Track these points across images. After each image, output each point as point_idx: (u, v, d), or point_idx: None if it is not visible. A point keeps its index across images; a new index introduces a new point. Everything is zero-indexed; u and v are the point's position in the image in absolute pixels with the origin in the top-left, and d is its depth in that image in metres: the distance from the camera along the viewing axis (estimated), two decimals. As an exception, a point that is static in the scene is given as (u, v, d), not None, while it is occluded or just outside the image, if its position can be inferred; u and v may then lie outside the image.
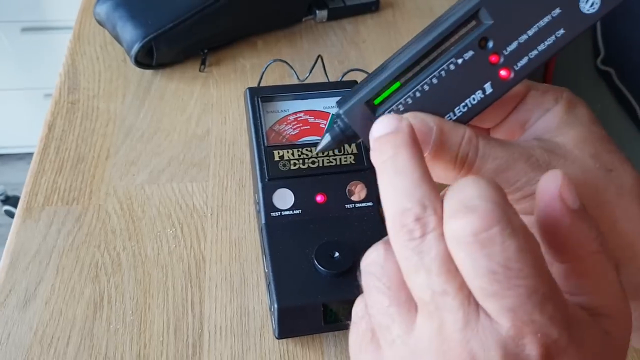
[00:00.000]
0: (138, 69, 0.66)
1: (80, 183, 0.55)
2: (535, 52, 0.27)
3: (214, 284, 0.48)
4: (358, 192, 0.48)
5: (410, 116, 0.27)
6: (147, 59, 0.65)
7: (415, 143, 0.24)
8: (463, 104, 0.27)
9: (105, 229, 0.52)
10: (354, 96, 0.28)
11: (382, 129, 0.25)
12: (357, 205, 0.48)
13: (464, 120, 0.28)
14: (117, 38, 0.66)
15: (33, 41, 1.55)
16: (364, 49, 0.72)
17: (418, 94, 0.27)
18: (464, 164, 0.27)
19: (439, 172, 0.27)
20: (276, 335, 0.43)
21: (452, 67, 0.27)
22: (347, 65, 0.68)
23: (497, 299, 0.21)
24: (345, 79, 0.62)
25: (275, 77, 0.66)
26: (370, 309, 0.24)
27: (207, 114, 0.63)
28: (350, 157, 0.48)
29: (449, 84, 0.27)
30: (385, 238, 0.25)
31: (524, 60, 0.27)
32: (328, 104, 0.51)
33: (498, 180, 0.26)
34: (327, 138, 0.30)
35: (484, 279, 0.21)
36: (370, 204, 0.48)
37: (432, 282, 0.22)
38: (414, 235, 0.22)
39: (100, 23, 0.68)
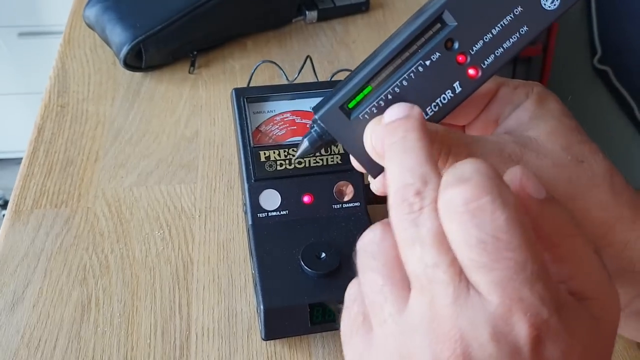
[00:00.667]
0: (127, 72, 0.66)
1: (69, 186, 0.55)
2: (501, 50, 0.27)
3: (201, 285, 0.48)
4: (345, 192, 0.48)
5: (381, 118, 0.27)
6: (136, 61, 0.65)
7: (424, 128, 0.25)
8: (434, 103, 0.28)
9: (93, 232, 0.52)
10: (328, 102, 0.29)
11: (394, 115, 0.26)
12: (345, 205, 0.48)
13: (436, 119, 0.28)
14: (106, 41, 0.66)
15: (30, 46, 1.55)
16: (354, 49, 0.71)
17: (390, 96, 0.28)
18: (437, 161, 0.27)
19: None
20: (263, 337, 0.43)
21: (420, 69, 0.28)
22: (336, 66, 0.68)
23: (486, 271, 0.21)
24: (334, 79, 0.61)
25: (264, 77, 0.66)
26: (364, 286, 0.24)
27: (196, 116, 0.63)
28: (337, 157, 0.48)
29: (419, 85, 0.28)
30: (383, 220, 0.25)
31: (491, 58, 0.28)
32: (315, 104, 0.51)
33: None
34: (305, 144, 0.30)
35: (474, 250, 0.21)
36: (357, 204, 0.48)
37: (425, 254, 0.22)
38: (413, 209, 0.22)
39: (89, 26, 0.68)
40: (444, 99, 0.28)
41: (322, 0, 0.75)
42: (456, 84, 0.28)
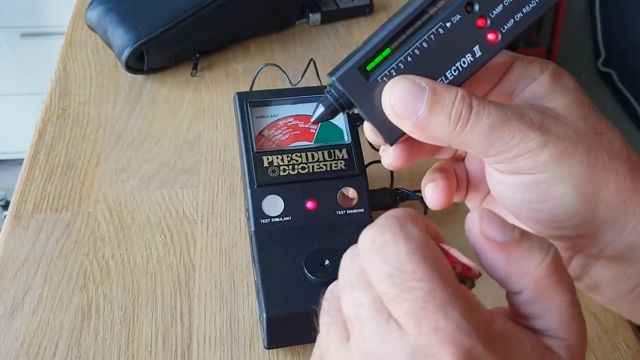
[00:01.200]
0: (129, 74, 0.66)
1: (70, 190, 0.55)
2: (520, 15, 0.27)
3: (203, 292, 0.48)
4: (349, 198, 0.47)
5: (402, 78, 0.27)
6: (138, 63, 0.65)
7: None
8: (454, 67, 0.28)
9: (94, 237, 0.51)
10: (346, 63, 0.28)
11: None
12: (349, 211, 0.47)
13: (455, 84, 0.28)
14: (108, 43, 0.66)
15: (32, 46, 1.55)
16: (358, 52, 0.71)
17: (409, 59, 0.27)
18: (459, 121, 0.27)
19: (435, 131, 0.27)
20: (265, 345, 0.43)
21: (440, 31, 0.27)
22: (340, 69, 0.67)
23: (398, 303, 0.21)
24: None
25: (267, 81, 0.66)
26: (319, 329, 0.26)
27: (198, 119, 0.62)
28: (341, 163, 0.48)
29: (439, 48, 0.27)
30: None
31: (510, 23, 0.28)
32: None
33: (492, 137, 0.27)
34: (320, 108, 0.29)
35: (384, 283, 0.22)
36: (361, 210, 0.47)
37: (353, 295, 0.23)
38: (351, 257, 0.24)
39: (91, 28, 0.68)
40: (464, 63, 0.28)
41: (326, 3, 0.75)
42: (476, 48, 0.28)
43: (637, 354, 0.45)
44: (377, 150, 0.57)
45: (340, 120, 0.50)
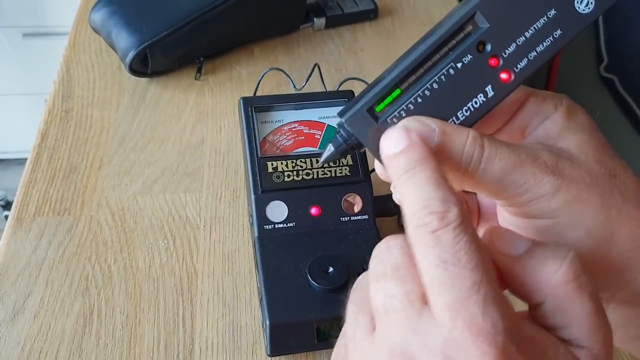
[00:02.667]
0: (133, 77, 0.65)
1: (72, 193, 0.55)
2: (534, 54, 0.27)
3: (205, 298, 0.47)
4: (354, 204, 0.47)
5: (411, 119, 0.27)
6: (142, 66, 0.64)
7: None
8: (465, 107, 0.27)
9: (96, 241, 0.51)
10: (355, 105, 0.28)
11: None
12: (353, 218, 0.47)
13: (466, 124, 0.27)
14: (112, 45, 0.66)
15: (34, 46, 1.55)
16: (362, 57, 0.71)
17: (420, 100, 0.27)
18: (470, 165, 0.26)
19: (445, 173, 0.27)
20: (268, 353, 0.42)
21: (452, 71, 0.27)
22: (344, 74, 0.67)
23: (444, 289, 0.21)
24: (342, 87, 0.61)
25: (271, 85, 0.65)
26: (346, 318, 0.26)
27: (202, 123, 0.62)
28: (346, 169, 0.47)
29: (450, 89, 0.27)
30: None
31: (524, 62, 0.27)
32: (323, 114, 0.50)
33: (505, 182, 0.26)
34: (330, 149, 0.29)
35: (437, 270, 0.22)
36: (366, 217, 0.47)
37: (385, 286, 0.23)
38: (388, 245, 0.24)
39: (95, 30, 0.67)
40: (476, 103, 0.27)
41: (330, 7, 0.74)
42: (488, 88, 0.27)
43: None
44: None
45: (345, 126, 0.50)
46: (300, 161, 0.47)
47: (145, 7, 0.65)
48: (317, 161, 0.47)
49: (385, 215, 0.51)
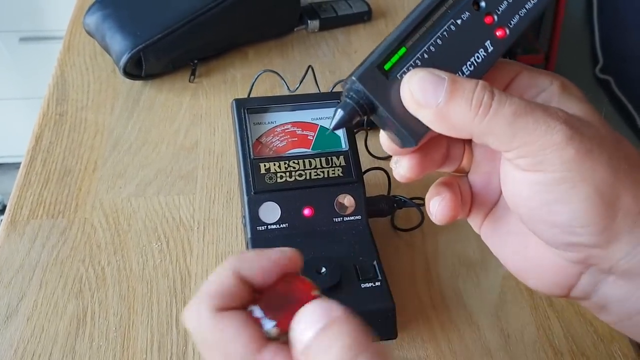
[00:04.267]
0: (127, 80, 0.65)
1: (66, 196, 0.55)
2: (524, 10, 0.29)
3: (199, 299, 0.47)
4: (346, 205, 0.47)
5: (420, 70, 0.28)
6: (136, 69, 0.65)
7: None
8: (469, 62, 0.29)
9: (90, 243, 0.51)
10: (363, 64, 0.28)
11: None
12: (346, 219, 0.47)
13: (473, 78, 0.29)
14: (106, 49, 0.66)
15: (31, 51, 1.55)
16: (355, 59, 0.71)
17: (426, 56, 0.28)
18: (480, 107, 0.27)
19: (456, 119, 0.27)
20: (261, 353, 0.42)
21: (452, 28, 0.28)
22: (338, 76, 0.67)
23: None
24: (336, 89, 0.61)
25: (265, 87, 0.66)
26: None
27: (196, 125, 0.62)
28: (338, 170, 0.48)
29: (452, 45, 0.28)
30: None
31: (516, 19, 0.29)
32: (316, 116, 0.51)
33: (516, 125, 0.26)
34: (339, 113, 0.29)
35: None
36: (358, 217, 0.47)
37: None
38: None
39: (89, 34, 0.68)
40: (478, 58, 0.29)
41: (324, 10, 0.75)
42: (487, 43, 0.29)
43: (634, 363, 0.45)
44: (377, 158, 0.57)
45: (337, 128, 0.50)
46: (293, 162, 0.47)
47: (139, 11, 0.65)
48: (310, 163, 0.48)
49: (378, 215, 0.51)
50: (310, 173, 0.47)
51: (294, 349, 0.24)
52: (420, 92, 0.27)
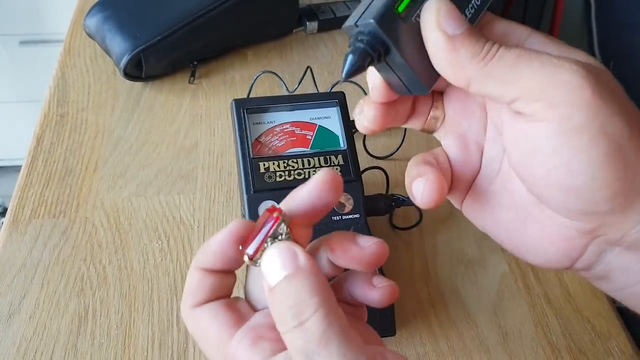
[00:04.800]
0: (127, 81, 0.66)
1: (68, 196, 0.55)
2: None
3: (199, 297, 0.48)
4: (345, 204, 0.48)
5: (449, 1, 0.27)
6: (136, 71, 0.65)
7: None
8: (470, 5, 0.28)
9: (91, 242, 0.51)
10: (372, 6, 0.27)
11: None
12: (344, 217, 0.47)
13: (472, 20, 0.28)
14: (106, 50, 0.66)
15: (31, 54, 1.56)
16: (354, 59, 0.71)
17: None
18: (490, 49, 0.26)
19: (465, 55, 0.26)
20: (261, 350, 0.43)
21: None
22: (337, 76, 0.68)
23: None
24: (334, 89, 0.61)
25: (264, 88, 0.66)
26: None
27: (195, 126, 0.63)
28: (337, 169, 0.48)
29: None
30: None
31: None
32: (315, 115, 0.51)
33: (519, 66, 0.25)
34: (350, 60, 0.27)
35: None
36: (357, 215, 0.47)
37: None
38: None
39: (90, 35, 0.68)
40: (477, 2, 0.28)
41: (323, 11, 0.75)
42: None
43: (630, 359, 0.45)
44: (376, 157, 0.57)
45: (336, 126, 0.50)
46: (292, 161, 0.48)
47: (139, 12, 0.66)
48: (309, 162, 0.48)
49: (377, 214, 0.51)
50: (309, 172, 0.48)
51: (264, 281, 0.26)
52: (444, 17, 0.26)
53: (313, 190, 0.28)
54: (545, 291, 0.49)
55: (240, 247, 0.27)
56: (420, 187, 0.29)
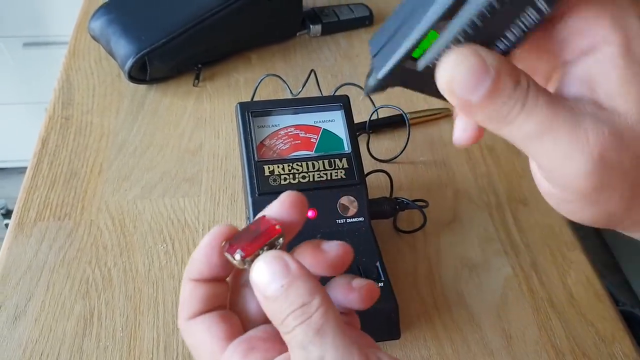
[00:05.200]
0: (132, 84, 0.66)
1: (73, 198, 0.55)
2: None
3: (204, 300, 0.48)
4: (349, 207, 0.48)
5: (470, 54, 0.23)
6: (140, 74, 0.65)
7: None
8: (506, 34, 0.24)
9: (96, 245, 0.52)
10: (390, 55, 0.25)
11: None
12: (349, 220, 0.48)
13: (505, 53, 0.24)
14: (111, 53, 0.67)
15: (34, 56, 1.56)
16: (357, 63, 0.72)
17: (462, 39, 0.23)
18: (507, 114, 0.23)
19: (479, 119, 0.24)
20: (265, 353, 0.43)
21: (496, 5, 0.22)
22: (340, 80, 0.68)
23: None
24: (338, 93, 0.62)
25: (268, 91, 0.66)
26: None
27: (200, 129, 0.63)
28: (341, 172, 0.48)
29: (492, 22, 0.23)
30: None
31: None
32: (319, 119, 0.51)
33: (533, 146, 0.23)
34: (369, 87, 0.26)
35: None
36: (361, 219, 0.48)
37: None
38: None
39: (94, 38, 0.68)
40: (520, 26, 0.23)
41: (326, 14, 0.75)
42: (530, 10, 0.23)
43: (634, 362, 0.46)
44: (380, 160, 0.57)
45: (340, 130, 0.50)
46: (297, 164, 0.48)
47: (144, 15, 0.66)
48: (313, 165, 0.48)
49: (381, 217, 0.51)
50: (313, 175, 0.48)
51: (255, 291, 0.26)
52: (459, 84, 0.22)
53: (277, 210, 0.29)
54: (549, 295, 0.50)
55: (223, 243, 0.28)
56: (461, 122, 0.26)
